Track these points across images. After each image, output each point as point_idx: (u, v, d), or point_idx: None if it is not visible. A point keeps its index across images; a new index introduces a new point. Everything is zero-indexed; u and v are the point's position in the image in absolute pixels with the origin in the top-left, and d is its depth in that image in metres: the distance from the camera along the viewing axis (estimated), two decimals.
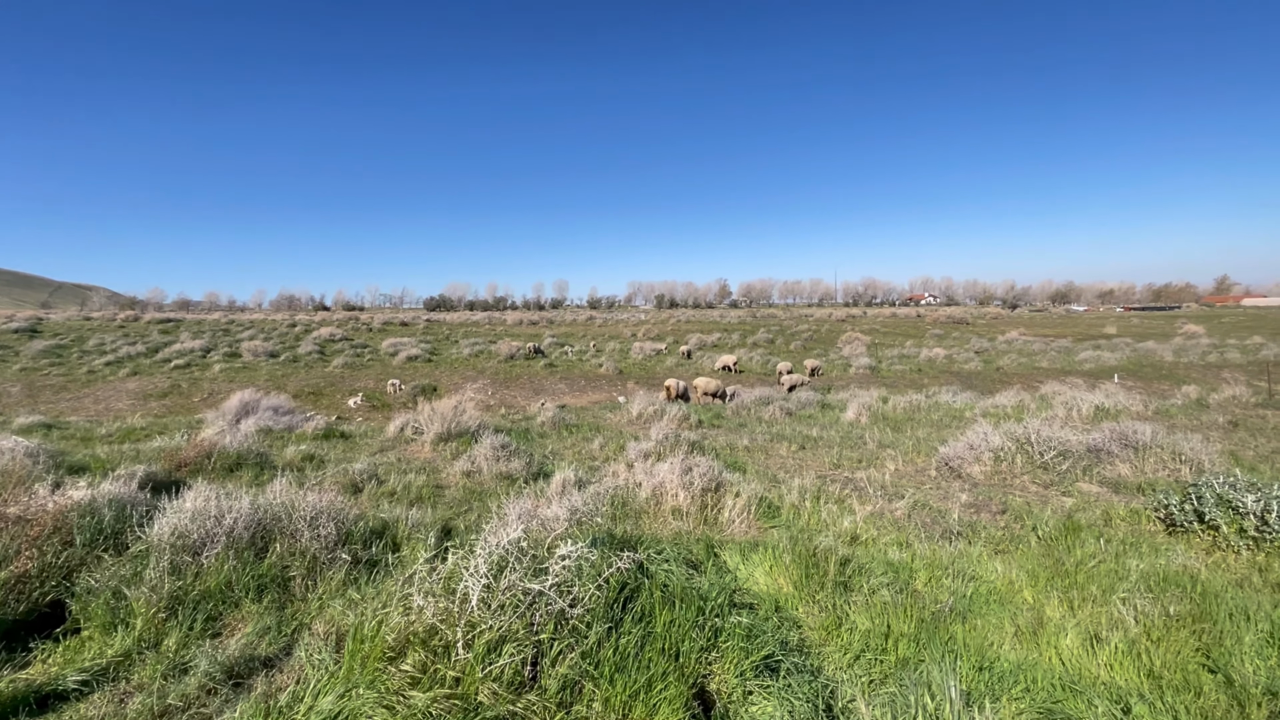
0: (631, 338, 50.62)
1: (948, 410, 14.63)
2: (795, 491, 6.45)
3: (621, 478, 6.97)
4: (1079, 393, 13.71)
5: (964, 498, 6.51)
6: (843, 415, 14.27)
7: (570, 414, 15.14)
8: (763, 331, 53.17)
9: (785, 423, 13.44)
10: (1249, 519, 5.12)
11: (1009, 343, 46.60)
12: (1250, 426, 10.98)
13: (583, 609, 2.89)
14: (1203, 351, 37.34)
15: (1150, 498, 6.18)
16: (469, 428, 9.86)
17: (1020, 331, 54.22)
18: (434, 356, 35.52)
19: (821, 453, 9.44)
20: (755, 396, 15.83)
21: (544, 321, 71.23)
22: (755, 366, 34.19)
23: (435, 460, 8.66)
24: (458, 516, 6.07)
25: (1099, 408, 11.88)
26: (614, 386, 28.22)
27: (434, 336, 50.52)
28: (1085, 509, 6.13)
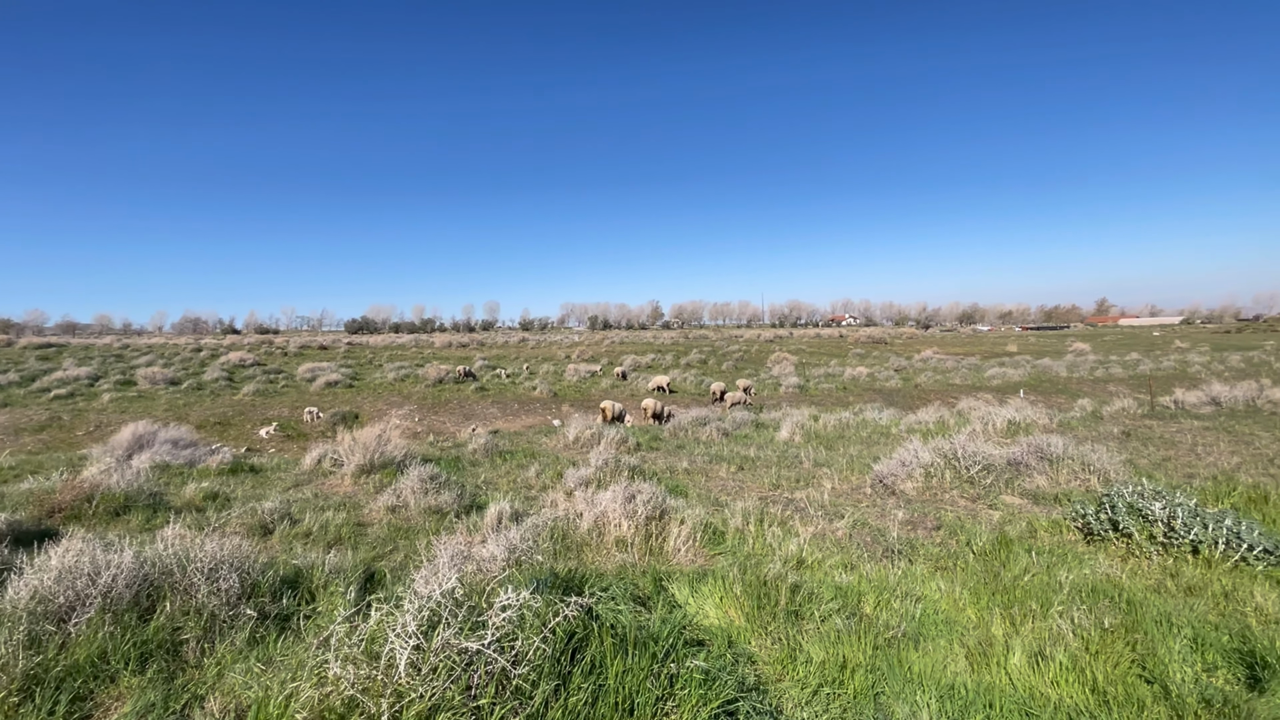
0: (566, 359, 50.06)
1: (875, 427, 15.14)
2: (739, 515, 6.36)
3: (561, 508, 6.67)
4: (992, 408, 14.54)
5: (900, 515, 6.62)
6: (777, 434, 14.49)
7: (504, 440, 14.66)
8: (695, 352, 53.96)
9: (723, 443, 13.49)
10: (1158, 526, 5.43)
11: (925, 361, 49.38)
12: (1140, 436, 11.93)
13: (527, 666, 2.61)
14: (1091, 367, 40.85)
15: (1068, 508, 6.49)
16: (394, 458, 9.30)
17: (934, 350, 57.64)
18: (356, 382, 33.76)
19: (760, 473, 9.46)
20: (692, 417, 15.84)
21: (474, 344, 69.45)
22: (689, 387, 34.49)
23: (357, 495, 8.09)
24: (382, 558, 5.60)
25: (1012, 422, 12.60)
26: (549, 410, 27.70)
27: (356, 360, 48.09)
28: (1012, 521, 6.36)
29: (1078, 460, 8.17)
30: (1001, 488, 7.65)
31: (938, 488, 7.72)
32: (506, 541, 4.67)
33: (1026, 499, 7.38)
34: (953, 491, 7.59)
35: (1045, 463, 8.26)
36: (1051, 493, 7.54)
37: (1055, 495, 7.41)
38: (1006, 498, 7.39)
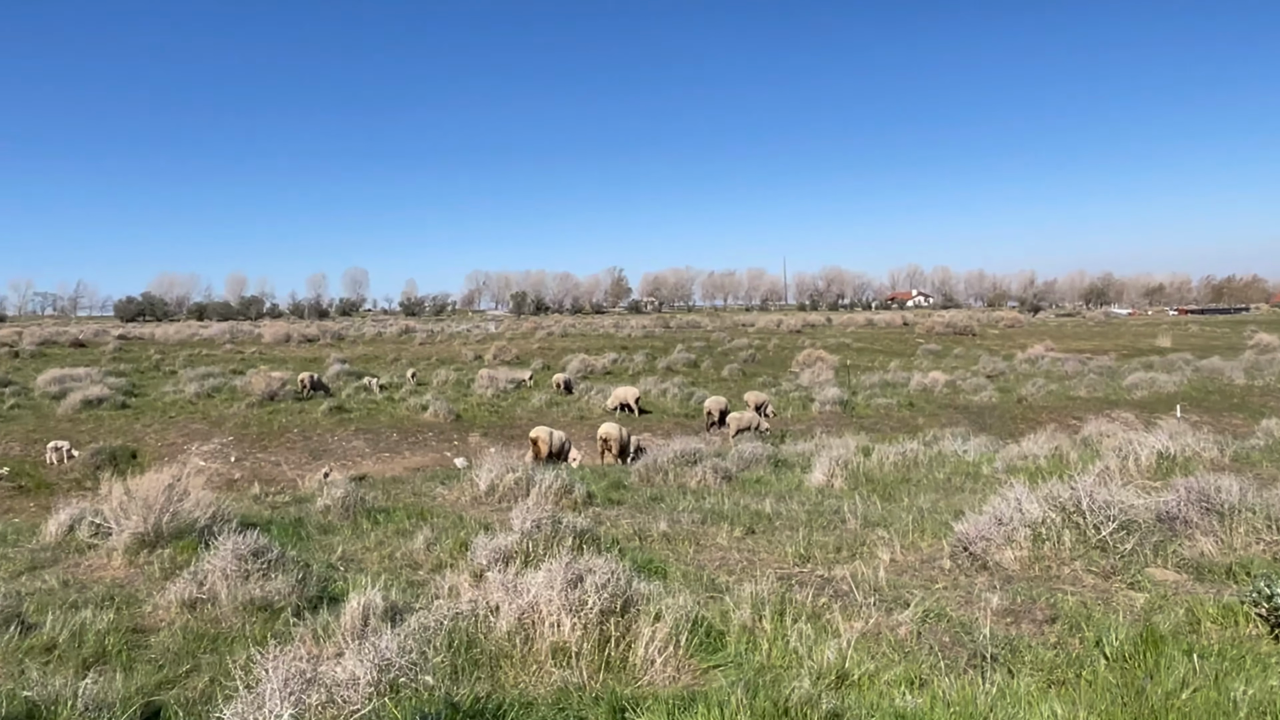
0: (475, 362, 49.74)
1: (957, 464, 15.44)
2: (747, 605, 6.41)
3: (465, 598, 6.60)
4: (1134, 434, 14.93)
5: (995, 601, 6.76)
6: (807, 477, 14.64)
7: (376, 491, 14.46)
8: (681, 349, 54.35)
9: (722, 492, 13.56)
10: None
11: (1033, 362, 50.63)
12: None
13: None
14: None
15: (1246, 586, 6.70)
16: (195, 522, 9.12)
17: (1047, 345, 59.17)
18: (133, 399, 33.03)
19: (781, 538, 9.53)
20: (675, 452, 15.91)
21: (329, 337, 68.64)
22: (671, 404, 34.71)
23: (134, 582, 7.93)
24: (174, 684, 5.49)
25: (1163, 455, 12.96)
26: (448, 442, 27.54)
27: (133, 364, 47.03)
28: (1163, 608, 6.53)
29: (1261, 513, 8.45)
30: (1148, 556, 7.86)
31: (1052, 557, 7.89)
32: (376, 654, 4.60)
33: (1185, 573, 7.60)
34: (1075, 563, 7.77)
35: (1213, 517, 8.51)
36: (1222, 563, 7.77)
37: (1228, 567, 7.65)
38: (1155, 571, 7.60)
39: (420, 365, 46.72)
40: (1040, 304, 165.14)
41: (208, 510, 9.52)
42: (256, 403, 31.36)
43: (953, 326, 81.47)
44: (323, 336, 68.57)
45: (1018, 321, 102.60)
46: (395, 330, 79.39)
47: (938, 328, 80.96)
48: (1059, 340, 69.20)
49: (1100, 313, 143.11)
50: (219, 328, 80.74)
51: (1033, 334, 79.07)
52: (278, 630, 6.36)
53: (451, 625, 5.82)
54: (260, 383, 33.38)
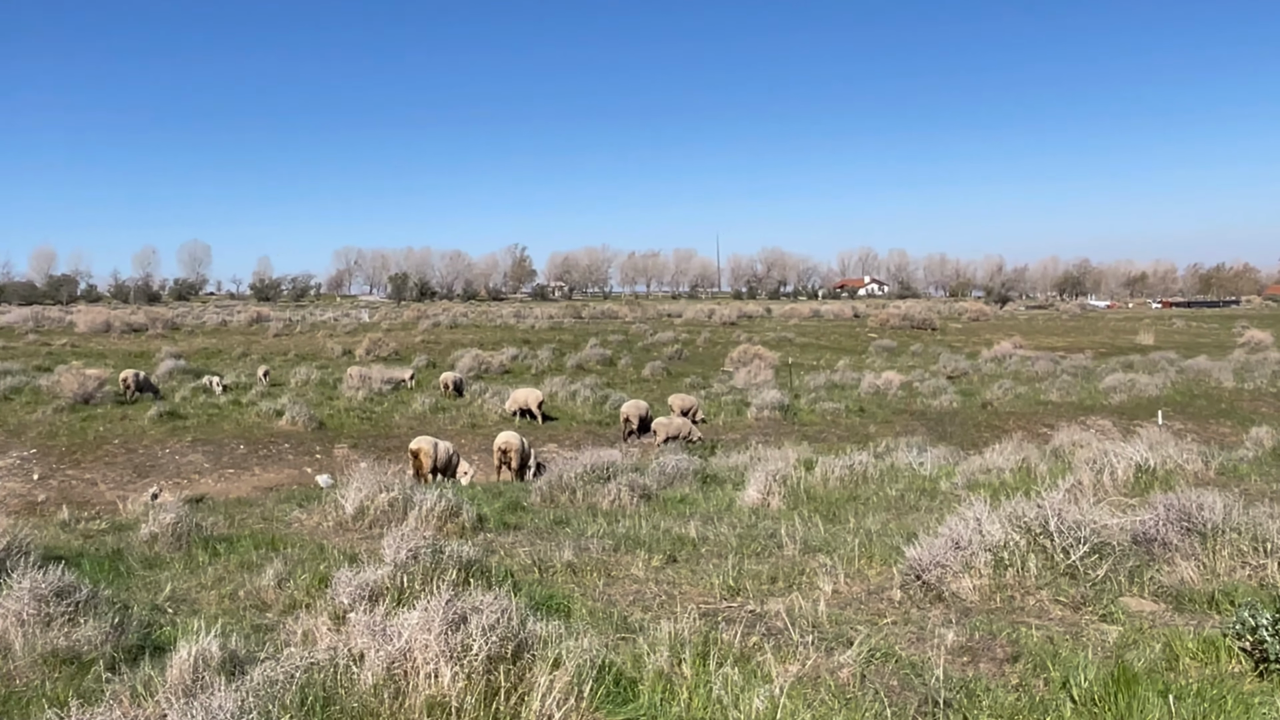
0: (344, 358, 48.89)
1: (912, 479, 15.78)
2: (664, 647, 6.41)
3: (323, 645, 6.47)
4: (1111, 444, 15.50)
5: (950, 637, 6.91)
6: (739, 495, 14.75)
7: (217, 514, 14.14)
8: (595, 344, 54.39)
9: (640, 513, 13.55)
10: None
11: (999, 361, 52.23)
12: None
13: None
14: (1273, 372, 44.66)
15: (1229, 617, 7.01)
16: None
17: (1016, 342, 61.11)
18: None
19: (707, 568, 9.57)
20: (585, 466, 15.87)
21: (161, 326, 66.48)
22: (582, 409, 34.69)
23: None
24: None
25: (1142, 468, 13.47)
26: (308, 455, 26.99)
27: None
28: (1138, 643, 6.78)
29: (1247, 533, 8.84)
30: (1123, 583, 8.15)
31: (1015, 586, 8.11)
32: (206, 714, 4.47)
33: (1163, 602, 7.90)
34: (1041, 593, 8.00)
35: (1195, 538, 8.87)
36: (1204, 590, 8.11)
37: (1210, 595, 7.98)
38: (1130, 601, 7.88)
39: (275, 362, 45.64)
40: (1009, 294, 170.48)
41: (0, 540, 9.15)
42: (67, 407, 30.17)
43: (910, 319, 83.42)
44: (153, 325, 66.25)
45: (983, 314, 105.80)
46: (245, 318, 77.26)
47: (893, 321, 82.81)
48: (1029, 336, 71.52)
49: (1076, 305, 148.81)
50: (20, 313, 77.17)
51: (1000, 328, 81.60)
52: (86, 688, 6.12)
53: (305, 678, 5.67)
54: (72, 382, 32.11)
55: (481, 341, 56.06)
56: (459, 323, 74.16)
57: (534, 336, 62.24)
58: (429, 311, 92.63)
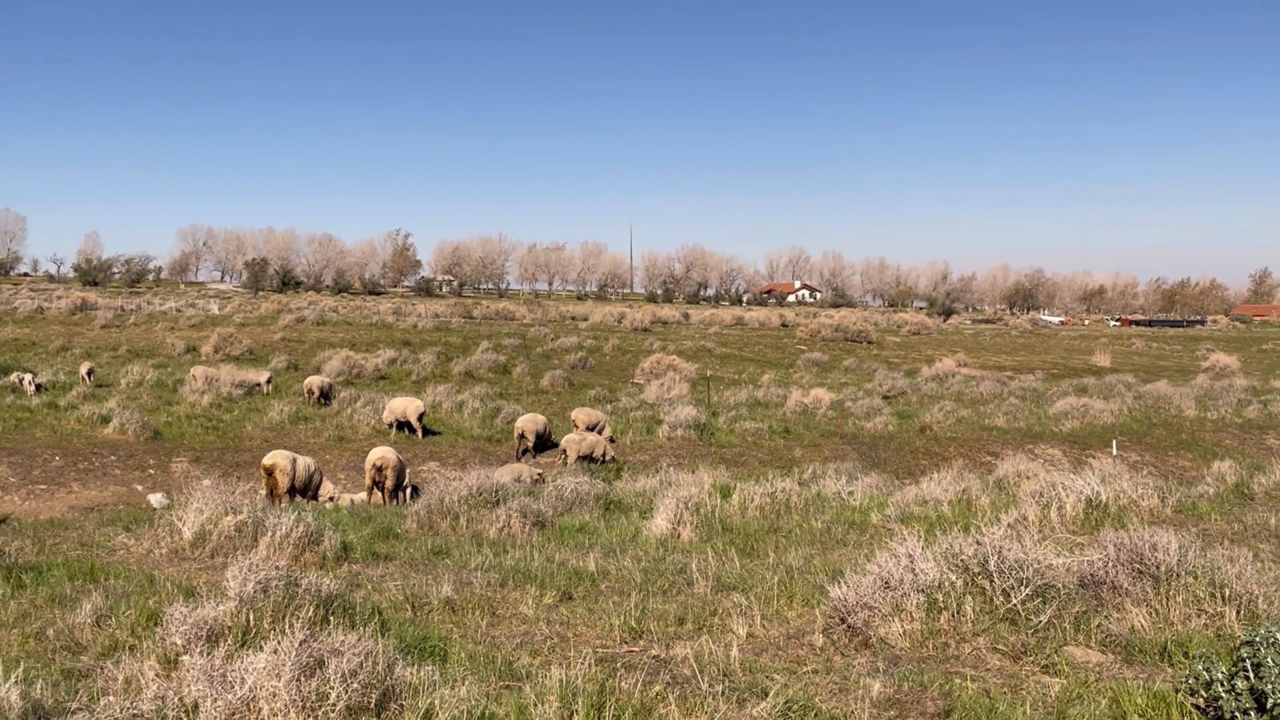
0: (188, 355, 47.82)
1: (840, 510, 16.01)
2: (554, 697, 6.40)
3: (150, 693, 6.29)
4: (1059, 475, 15.93)
5: (877, 688, 7.03)
6: (646, 525, 14.79)
7: (24, 538, 13.70)
8: (487, 348, 54.18)
9: (533, 543, 13.53)
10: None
11: (941, 380, 53.40)
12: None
13: None
14: (1238, 401, 46.44)
15: (1182, 670, 7.27)
16: None
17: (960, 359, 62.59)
18: None
19: (606, 606, 9.59)
20: (471, 487, 15.77)
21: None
22: (470, 422, 34.49)
23: None
24: None
25: (1093, 503, 13.87)
26: (140, 470, 26.32)
27: None
28: (1083, 697, 6.97)
29: (1204, 577, 9.16)
30: (1068, 630, 8.38)
31: (950, 632, 8.28)
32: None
33: (1111, 652, 8.14)
34: (978, 640, 8.18)
35: (1147, 581, 9.16)
36: (1156, 640, 8.37)
37: (1162, 645, 8.24)
38: (1075, 650, 8.11)
39: (103, 358, 44.48)
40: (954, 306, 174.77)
41: None
42: None
43: (844, 331, 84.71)
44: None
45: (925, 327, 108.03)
46: (66, 305, 74.93)
47: (825, 332, 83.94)
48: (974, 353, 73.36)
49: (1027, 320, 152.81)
50: None
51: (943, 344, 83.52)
52: None
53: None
54: None
55: (354, 341, 55.31)
56: (328, 319, 73.03)
57: (416, 338, 61.60)
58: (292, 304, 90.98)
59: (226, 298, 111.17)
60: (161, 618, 8.24)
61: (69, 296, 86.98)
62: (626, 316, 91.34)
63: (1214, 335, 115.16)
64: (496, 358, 51.05)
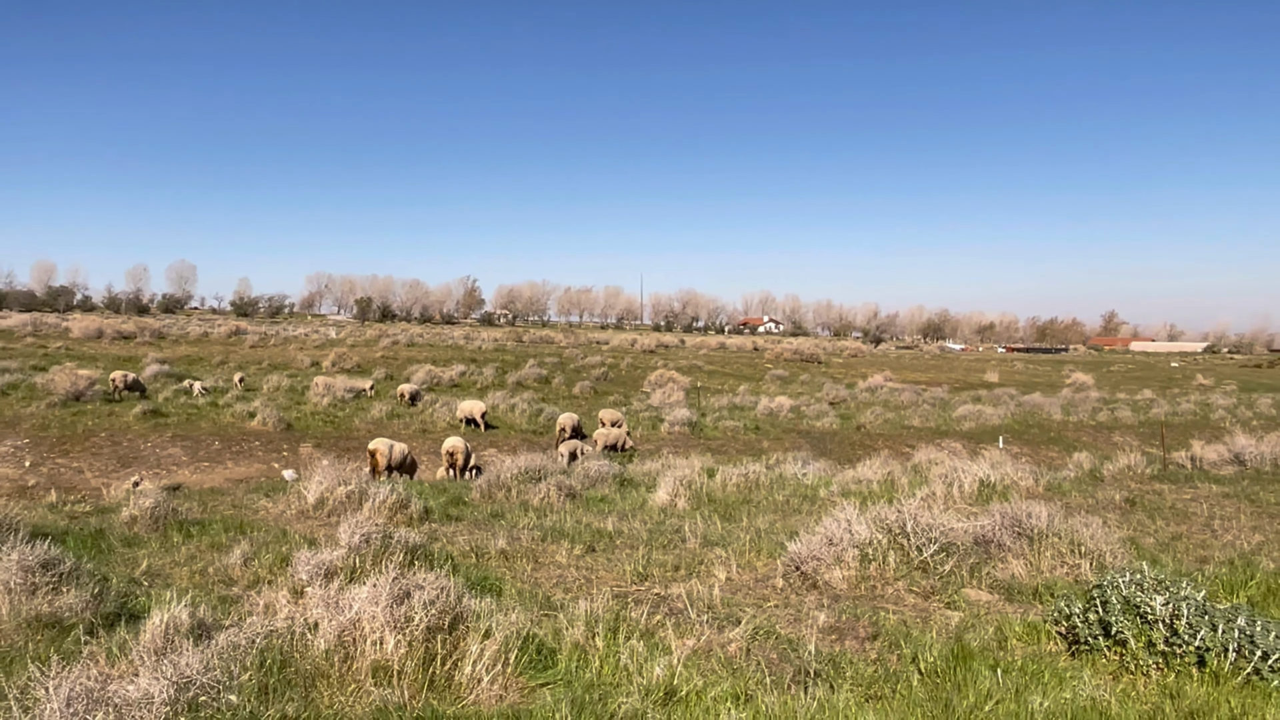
0: (312, 368, 47.88)
1: (796, 487, 16.06)
2: (581, 623, 6.45)
3: (282, 615, 6.35)
4: (960, 462, 15.98)
5: (822, 618, 7.06)
6: (651, 496, 14.87)
7: (192, 501, 13.77)
8: (533, 364, 54.10)
9: (566, 509, 13.58)
10: (1158, 628, 6.26)
11: (873, 391, 53.32)
12: (1148, 505, 13.72)
13: None
14: (1093, 408, 46.45)
15: (1049, 606, 7.29)
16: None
17: (886, 375, 62.47)
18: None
19: (621, 557, 9.65)
20: (519, 468, 15.81)
21: (148, 334, 64.31)
22: (519, 420, 34.49)
23: None
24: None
25: (985, 483, 13.92)
26: (276, 452, 26.37)
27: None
28: (976, 626, 7.02)
29: (1066, 538, 9.22)
30: (965, 577, 8.41)
31: (877, 577, 8.32)
32: (175, 672, 4.34)
33: (997, 593, 8.18)
34: (898, 583, 8.23)
35: (1024, 541, 9.22)
36: (1030, 584, 8.43)
37: (1035, 588, 8.30)
38: (970, 592, 8.15)
39: (250, 370, 44.50)
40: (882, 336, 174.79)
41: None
42: (59, 403, 28.99)
43: (800, 354, 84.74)
44: (141, 334, 63.93)
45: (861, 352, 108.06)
46: (224, 331, 75.02)
47: (786, 354, 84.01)
48: (898, 371, 73.20)
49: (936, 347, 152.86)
50: (20, 319, 74.08)
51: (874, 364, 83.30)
52: (66, 649, 5.91)
53: (265, 643, 5.57)
54: (65, 381, 30.85)
55: (434, 359, 55.36)
56: (415, 342, 73.11)
57: (480, 356, 61.72)
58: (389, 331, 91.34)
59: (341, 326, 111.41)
60: (291, 560, 8.30)
61: (226, 324, 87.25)
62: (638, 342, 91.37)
63: (1075, 359, 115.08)
64: (540, 371, 51.01)
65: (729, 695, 5.40)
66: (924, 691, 5.56)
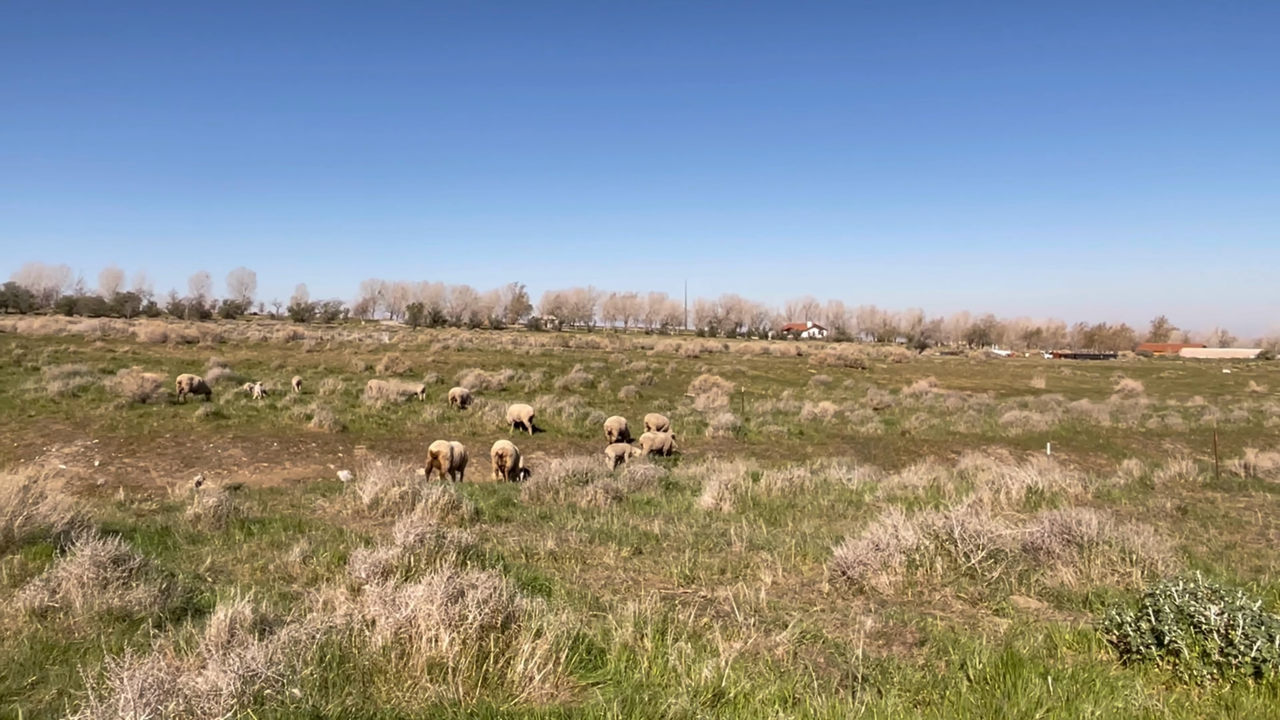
0: (366, 372, 48.55)
1: (841, 492, 15.92)
2: (630, 623, 6.45)
3: (341, 611, 6.45)
4: (1007, 468, 15.72)
5: (869, 623, 7.00)
6: (697, 500, 14.83)
7: (252, 500, 14.00)
8: (579, 369, 54.28)
9: (612, 512, 13.59)
10: (1212, 638, 6.10)
11: (917, 397, 52.64)
12: (1200, 514, 13.37)
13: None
14: (1142, 415, 45.33)
15: (1100, 614, 7.15)
16: (50, 526, 8.69)
17: (931, 381, 61.60)
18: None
19: (667, 559, 9.64)
20: (567, 471, 15.87)
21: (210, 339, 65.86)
22: (566, 423, 34.63)
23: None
24: (18, 695, 5.22)
25: (1033, 489, 13.68)
26: (332, 453, 26.79)
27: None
28: (1025, 633, 6.90)
29: (1116, 546, 9.02)
30: (1013, 584, 8.28)
31: (924, 583, 8.22)
32: (241, 665, 4.44)
33: (1046, 601, 8.04)
34: (946, 589, 8.11)
35: (1073, 548, 9.04)
36: (1080, 592, 8.27)
37: (1085, 596, 8.14)
38: (1019, 599, 8.01)
39: (307, 373, 45.29)
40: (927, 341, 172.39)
41: (66, 515, 9.07)
42: (126, 404, 29.79)
43: (844, 359, 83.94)
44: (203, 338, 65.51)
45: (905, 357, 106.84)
46: (282, 336, 76.54)
47: (830, 360, 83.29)
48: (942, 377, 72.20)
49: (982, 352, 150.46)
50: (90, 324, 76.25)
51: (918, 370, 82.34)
52: (136, 641, 6.08)
53: (324, 639, 5.67)
54: (132, 383, 31.71)
55: (483, 363, 55.88)
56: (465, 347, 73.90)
57: (528, 361, 62.16)
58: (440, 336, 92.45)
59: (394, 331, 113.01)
60: (349, 558, 8.42)
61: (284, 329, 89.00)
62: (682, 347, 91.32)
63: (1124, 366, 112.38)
64: (586, 376, 51.15)
65: (777, 698, 5.38)
66: (973, 698, 5.48)
